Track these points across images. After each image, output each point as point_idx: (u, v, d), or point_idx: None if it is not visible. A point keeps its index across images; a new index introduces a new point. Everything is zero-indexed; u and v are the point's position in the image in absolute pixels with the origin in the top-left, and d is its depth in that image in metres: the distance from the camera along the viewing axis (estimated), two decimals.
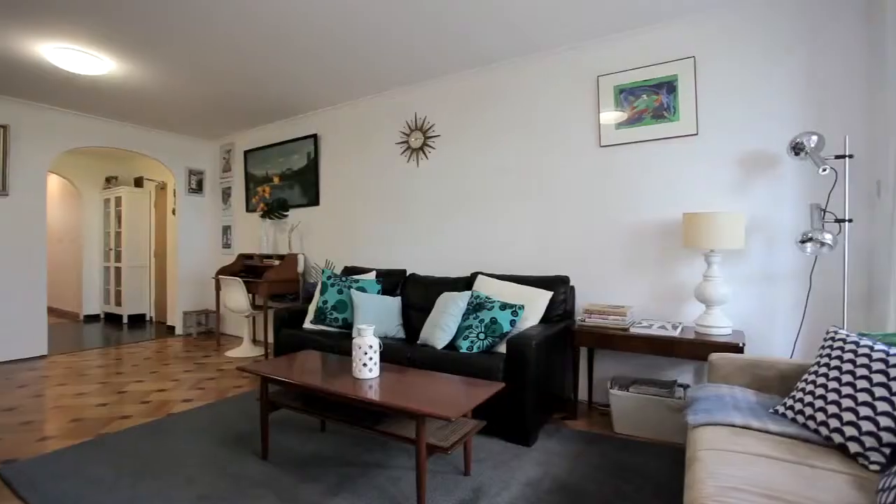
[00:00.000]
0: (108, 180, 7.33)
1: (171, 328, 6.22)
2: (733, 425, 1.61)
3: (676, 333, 2.53)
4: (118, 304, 6.94)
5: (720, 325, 2.51)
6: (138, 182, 7.17)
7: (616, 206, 3.14)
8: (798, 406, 1.60)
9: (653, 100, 2.97)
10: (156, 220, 6.99)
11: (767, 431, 1.56)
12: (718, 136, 2.79)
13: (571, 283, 3.25)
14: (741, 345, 2.32)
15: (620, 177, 3.13)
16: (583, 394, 3.23)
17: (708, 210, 2.82)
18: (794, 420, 1.60)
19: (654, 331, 2.60)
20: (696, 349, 2.43)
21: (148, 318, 7.10)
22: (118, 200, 6.97)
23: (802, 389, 1.63)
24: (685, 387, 2.70)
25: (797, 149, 2.37)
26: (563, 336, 2.91)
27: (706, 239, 2.48)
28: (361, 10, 2.80)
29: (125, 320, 6.84)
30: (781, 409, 1.66)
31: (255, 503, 1.94)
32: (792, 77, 2.59)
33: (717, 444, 1.48)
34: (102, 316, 7.30)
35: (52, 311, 7.41)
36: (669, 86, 2.91)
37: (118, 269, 6.96)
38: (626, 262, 3.11)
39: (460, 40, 3.20)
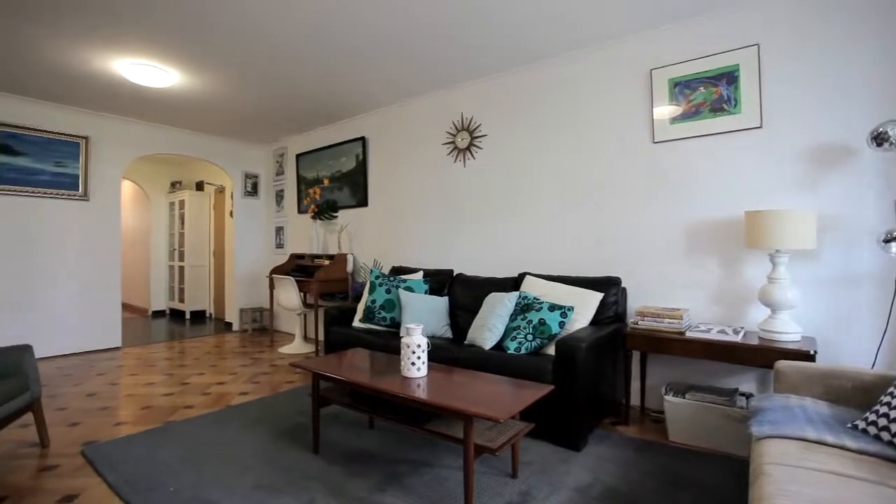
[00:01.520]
0: (172, 185, 7.84)
1: (229, 324, 6.56)
2: (805, 439, 1.50)
3: (738, 338, 2.39)
4: (181, 300, 7.40)
5: (788, 330, 2.34)
6: (199, 186, 7.61)
7: (671, 205, 3.01)
8: (882, 422, 1.46)
9: (711, 92, 2.82)
10: (215, 221, 7.40)
11: (845, 448, 1.43)
12: (785, 129, 2.61)
13: (623, 285, 3.14)
14: (812, 353, 2.15)
15: (676, 174, 2.99)
16: (635, 399, 3.11)
17: (773, 207, 2.64)
18: (876, 437, 1.46)
19: (713, 335, 2.46)
20: (761, 356, 2.28)
21: (208, 315, 7.53)
22: (181, 203, 7.43)
23: (888, 403, 1.49)
24: (748, 396, 2.54)
25: (880, 139, 2.17)
26: (615, 339, 2.82)
27: (772, 238, 2.32)
28: (411, 10, 2.84)
29: (188, 316, 7.29)
30: (862, 425, 1.52)
31: (308, 495, 2.01)
32: (873, 60, 2.37)
33: (786, 459, 1.38)
34: (168, 312, 7.81)
35: (124, 306, 8.00)
36: (730, 76, 2.75)
37: (181, 268, 7.43)
38: (681, 264, 2.97)
39: (509, 36, 3.17)
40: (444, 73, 3.81)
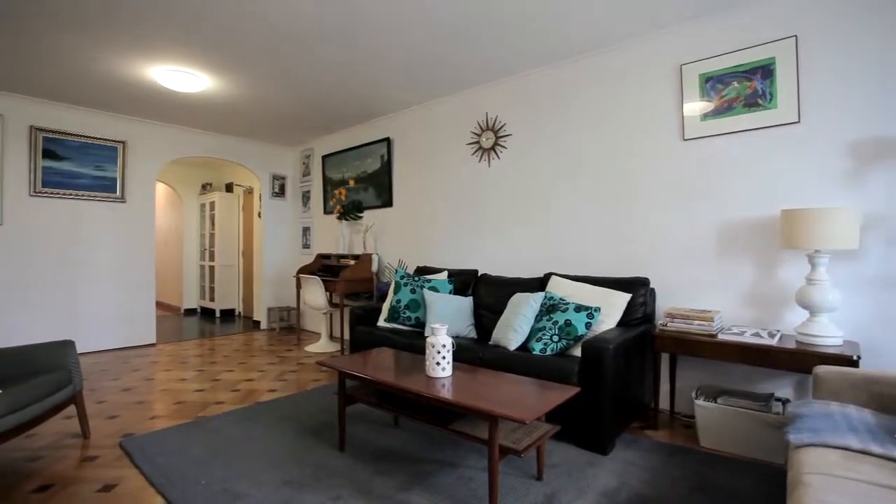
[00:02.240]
0: (203, 187, 8.07)
1: (257, 323, 6.71)
2: (847, 448, 1.43)
3: (774, 342, 2.30)
4: (212, 299, 7.61)
5: (828, 334, 2.24)
6: (229, 188, 7.81)
7: (702, 204, 2.92)
8: None
9: (745, 87, 2.73)
10: (243, 222, 7.58)
11: (892, 459, 1.36)
12: (825, 123, 2.50)
13: (651, 286, 3.07)
14: (855, 358, 2.05)
15: (707, 171, 2.90)
16: (664, 403, 3.04)
17: (811, 206, 2.53)
18: None
19: (747, 338, 2.38)
20: (798, 360, 2.19)
21: (237, 313, 7.71)
22: (212, 205, 7.64)
23: None
24: (784, 401, 2.45)
25: None
26: (643, 340, 2.76)
27: (810, 238, 2.23)
28: (437, 11, 2.84)
29: (217, 314, 7.48)
30: None
31: (334, 492, 2.03)
32: None
33: (827, 469, 1.32)
34: (199, 310, 8.05)
35: (158, 305, 8.29)
36: (765, 70, 2.65)
37: (212, 268, 7.64)
38: (712, 264, 2.88)
39: (536, 35, 3.14)
40: (469, 73, 3.80)
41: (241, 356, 4.74)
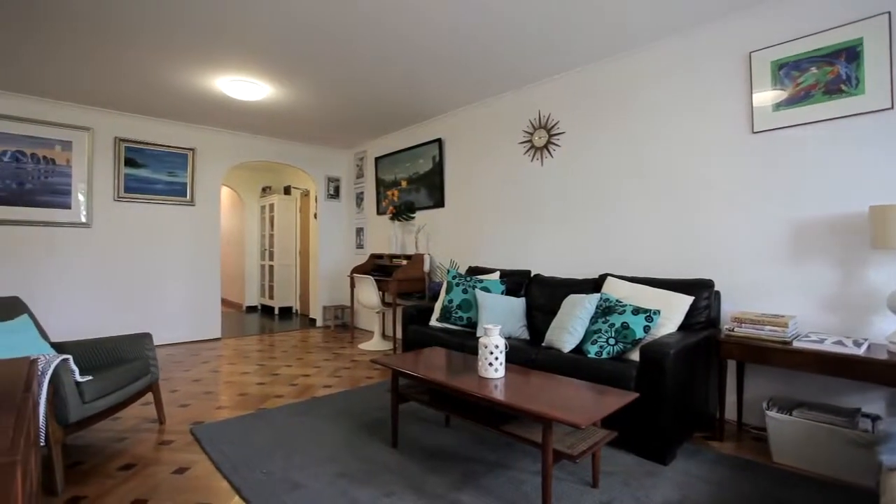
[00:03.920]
0: (263, 190, 8.50)
1: (313, 320, 6.96)
2: None
3: (860, 351, 2.09)
4: (271, 297, 7.99)
5: None
6: (287, 190, 8.17)
7: (774, 200, 2.71)
8: None
9: (825, 72, 2.50)
10: (300, 223, 7.90)
11: None
12: None
13: (716, 288, 2.89)
14: None
15: (779, 165, 2.69)
16: (730, 413, 2.85)
17: None
18: None
19: (828, 346, 2.18)
20: (892, 373, 1.98)
21: (294, 311, 8.05)
22: (271, 207, 8.03)
23: None
24: (874, 418, 2.22)
25: None
26: (706, 346, 2.60)
27: None
28: (490, 7, 2.81)
29: (276, 312, 7.84)
30: None
31: (387, 488, 2.06)
32: None
33: None
34: (259, 307, 8.47)
35: (222, 301, 8.82)
36: (850, 52, 2.42)
37: (271, 267, 8.02)
38: (785, 266, 2.66)
39: (594, 26, 3.03)
40: (522, 70, 3.74)
41: (299, 352, 4.93)
